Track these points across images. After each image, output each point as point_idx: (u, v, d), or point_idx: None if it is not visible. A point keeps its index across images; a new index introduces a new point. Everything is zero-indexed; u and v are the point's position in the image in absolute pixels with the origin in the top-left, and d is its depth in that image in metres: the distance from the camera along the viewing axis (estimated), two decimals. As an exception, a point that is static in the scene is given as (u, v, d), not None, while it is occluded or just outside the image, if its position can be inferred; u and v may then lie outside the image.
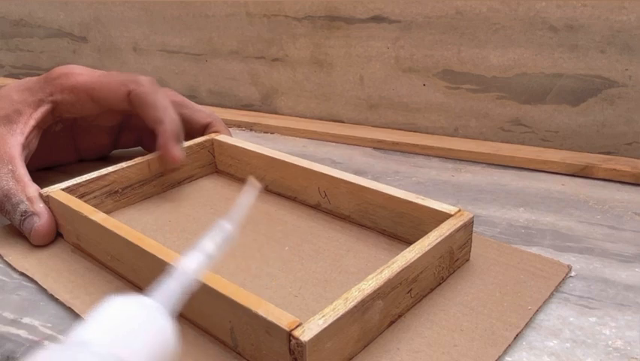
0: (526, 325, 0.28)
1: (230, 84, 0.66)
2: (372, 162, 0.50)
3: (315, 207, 0.40)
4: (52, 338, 0.29)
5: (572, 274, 0.33)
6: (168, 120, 0.40)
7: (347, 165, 0.50)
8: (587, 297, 0.30)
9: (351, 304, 0.24)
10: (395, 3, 0.51)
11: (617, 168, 0.44)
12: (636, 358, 0.26)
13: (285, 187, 0.41)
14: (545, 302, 0.30)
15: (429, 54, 0.52)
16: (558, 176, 0.45)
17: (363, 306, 0.25)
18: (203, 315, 0.27)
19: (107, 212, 0.38)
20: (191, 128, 0.47)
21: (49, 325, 0.30)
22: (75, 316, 0.30)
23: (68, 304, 0.30)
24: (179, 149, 0.41)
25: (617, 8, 0.42)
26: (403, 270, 0.27)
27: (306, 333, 0.22)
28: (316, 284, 0.31)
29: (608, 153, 0.47)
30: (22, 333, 0.29)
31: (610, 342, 0.27)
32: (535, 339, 0.27)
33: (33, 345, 0.28)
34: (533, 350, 0.27)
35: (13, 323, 0.30)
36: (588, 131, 0.47)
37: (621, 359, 0.26)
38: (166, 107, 0.41)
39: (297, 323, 0.23)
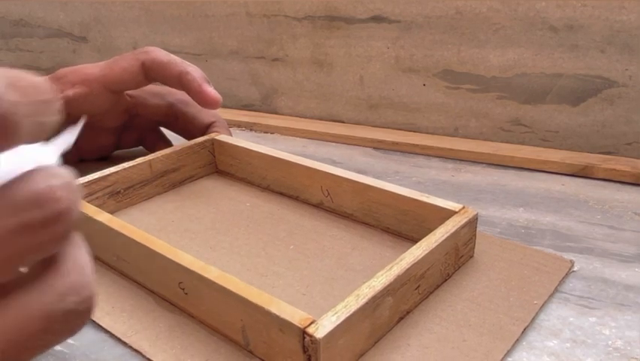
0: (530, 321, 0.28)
1: (230, 84, 0.66)
2: (372, 162, 0.50)
3: (318, 206, 0.40)
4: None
5: (575, 268, 0.33)
6: (192, 69, 0.42)
7: (347, 165, 0.50)
8: (587, 297, 0.30)
9: (362, 301, 0.24)
10: (395, 3, 0.52)
11: (617, 168, 0.44)
12: (636, 358, 0.26)
13: (287, 186, 0.41)
14: (546, 302, 0.30)
15: (429, 54, 0.52)
16: (558, 176, 0.46)
17: (374, 303, 0.25)
18: (213, 314, 0.27)
19: (110, 213, 0.38)
20: (194, 127, 0.47)
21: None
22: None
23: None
24: (214, 90, 0.42)
25: (617, 8, 0.43)
26: (411, 266, 0.27)
27: (319, 330, 0.22)
28: (323, 282, 0.31)
29: (608, 153, 0.47)
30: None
31: (610, 342, 0.27)
32: (535, 339, 0.27)
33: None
34: (533, 350, 0.27)
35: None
36: (588, 131, 0.47)
37: (621, 359, 0.26)
38: (183, 60, 0.42)
39: (311, 320, 0.23)
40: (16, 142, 0.15)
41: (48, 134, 0.17)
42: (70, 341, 0.28)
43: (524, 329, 0.28)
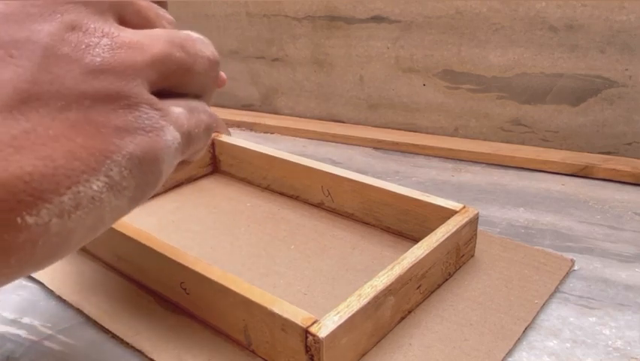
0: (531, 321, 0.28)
1: (230, 84, 0.66)
2: (372, 162, 0.50)
3: (319, 206, 0.40)
4: (51, 338, 0.28)
5: (575, 268, 0.33)
6: None
7: (347, 165, 0.50)
8: (587, 297, 0.30)
9: (364, 301, 0.24)
10: (395, 3, 0.52)
11: (617, 168, 0.44)
12: (636, 358, 0.26)
13: (288, 186, 0.41)
14: (546, 302, 0.30)
15: (429, 54, 0.52)
16: (558, 176, 0.46)
17: (376, 302, 0.25)
18: (215, 314, 0.27)
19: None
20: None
21: (48, 324, 0.29)
22: (80, 316, 0.30)
23: (77, 306, 0.30)
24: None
25: (617, 8, 0.43)
26: (412, 266, 0.27)
27: (322, 330, 0.22)
28: (324, 282, 0.31)
29: (608, 153, 0.47)
30: (22, 333, 0.29)
31: (610, 342, 0.27)
32: (535, 339, 0.27)
33: (33, 345, 0.28)
34: (533, 350, 0.27)
35: (13, 322, 0.30)
36: (588, 131, 0.47)
37: (621, 359, 0.26)
38: None
39: (313, 320, 0.23)
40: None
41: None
42: (70, 341, 0.28)
43: (524, 329, 0.28)
